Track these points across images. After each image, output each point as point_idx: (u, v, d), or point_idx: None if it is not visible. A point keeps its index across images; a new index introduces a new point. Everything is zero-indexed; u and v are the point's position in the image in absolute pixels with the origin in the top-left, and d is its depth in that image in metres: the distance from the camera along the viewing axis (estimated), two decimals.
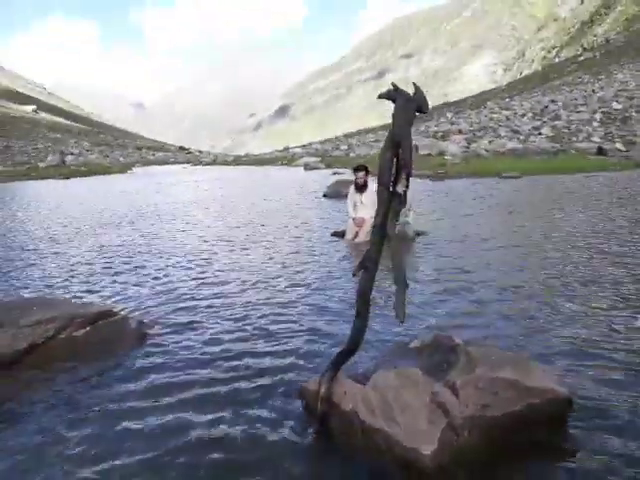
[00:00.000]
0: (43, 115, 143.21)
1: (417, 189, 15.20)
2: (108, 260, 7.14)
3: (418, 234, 7.90)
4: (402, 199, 2.36)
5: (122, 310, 4.58)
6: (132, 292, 5.47)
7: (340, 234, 8.10)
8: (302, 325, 4.23)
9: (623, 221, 8.82)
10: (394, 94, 2.38)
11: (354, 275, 2.42)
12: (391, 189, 2.35)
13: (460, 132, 46.26)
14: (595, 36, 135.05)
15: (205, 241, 8.47)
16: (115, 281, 5.97)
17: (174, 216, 12.10)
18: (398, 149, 2.32)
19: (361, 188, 7.90)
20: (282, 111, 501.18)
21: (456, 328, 3.86)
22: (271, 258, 6.98)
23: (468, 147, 34.78)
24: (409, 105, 2.36)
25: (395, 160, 2.34)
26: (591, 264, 5.97)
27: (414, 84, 2.45)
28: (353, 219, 7.94)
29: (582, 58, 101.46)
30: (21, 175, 38.91)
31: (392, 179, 2.37)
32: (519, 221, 9.52)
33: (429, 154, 32.70)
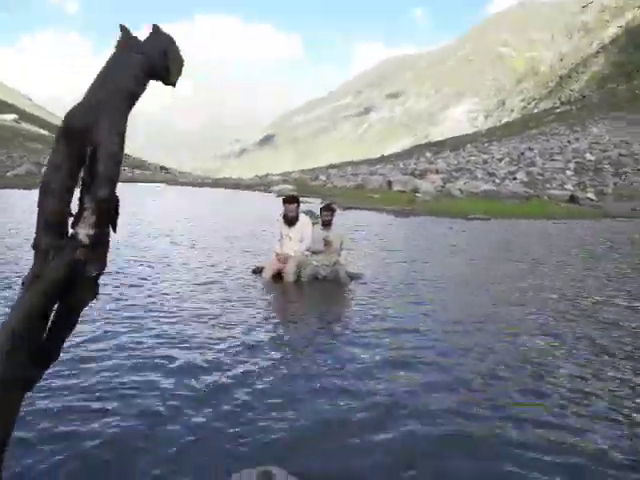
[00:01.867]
0: (24, 125, 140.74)
1: (348, 225, 14.18)
2: None
3: (352, 277, 6.96)
4: (88, 254, 1.15)
5: None
6: None
7: (261, 270, 7.12)
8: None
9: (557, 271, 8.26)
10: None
11: None
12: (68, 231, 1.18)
13: (437, 172, 46.40)
14: (572, 91, 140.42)
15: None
16: None
17: None
18: (85, 148, 1.14)
19: (291, 221, 7.06)
20: (266, 140, 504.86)
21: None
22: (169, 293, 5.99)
23: (443, 186, 34.64)
24: (127, 61, 1.19)
25: (83, 169, 1.17)
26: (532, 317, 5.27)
27: (153, 26, 1.30)
28: (276, 255, 7.08)
29: (559, 110, 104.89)
30: None
31: (69, 210, 1.20)
32: (461, 266, 8.89)
33: (403, 191, 32.43)
